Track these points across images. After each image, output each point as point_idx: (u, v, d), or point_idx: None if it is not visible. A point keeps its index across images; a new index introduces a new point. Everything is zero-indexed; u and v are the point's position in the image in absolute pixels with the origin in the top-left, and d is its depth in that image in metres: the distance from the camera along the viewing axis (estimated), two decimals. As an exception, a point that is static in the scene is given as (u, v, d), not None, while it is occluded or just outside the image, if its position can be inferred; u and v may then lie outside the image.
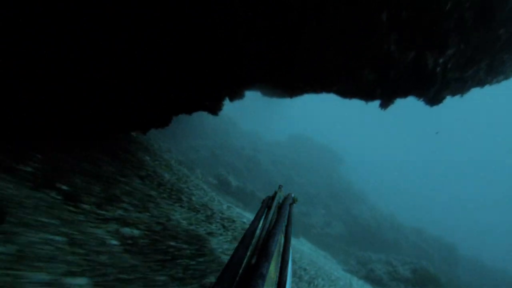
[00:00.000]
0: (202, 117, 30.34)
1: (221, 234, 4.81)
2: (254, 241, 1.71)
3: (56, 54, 4.16)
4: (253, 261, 1.48)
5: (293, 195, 2.89)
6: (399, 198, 65.66)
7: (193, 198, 6.00)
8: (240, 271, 1.37)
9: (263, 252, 1.46)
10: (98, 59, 4.61)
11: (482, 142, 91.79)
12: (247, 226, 6.44)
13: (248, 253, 1.55)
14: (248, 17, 5.03)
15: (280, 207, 2.53)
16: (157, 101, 6.12)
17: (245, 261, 1.46)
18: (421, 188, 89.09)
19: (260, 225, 2.00)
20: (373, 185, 52.46)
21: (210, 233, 4.62)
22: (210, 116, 32.88)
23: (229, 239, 4.78)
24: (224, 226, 5.27)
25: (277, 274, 1.60)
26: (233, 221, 5.75)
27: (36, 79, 4.24)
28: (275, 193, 2.88)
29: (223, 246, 4.52)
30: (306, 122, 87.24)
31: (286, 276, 1.56)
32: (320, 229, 24.04)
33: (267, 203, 2.64)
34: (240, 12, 4.92)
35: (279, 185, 3.22)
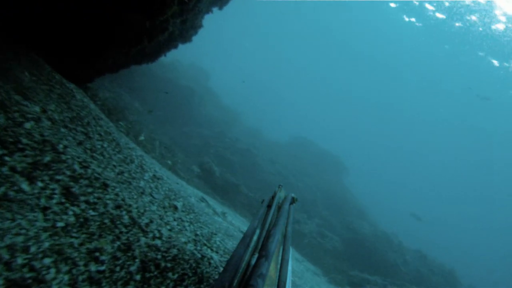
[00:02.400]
0: (201, 106, 28.49)
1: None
2: (254, 240, 1.73)
3: None
4: (253, 260, 1.48)
5: (292, 195, 2.85)
6: (404, 217, 62.82)
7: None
8: (240, 270, 1.36)
9: (263, 252, 1.47)
10: None
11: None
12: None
13: (248, 253, 1.56)
14: None
15: (280, 207, 2.52)
16: None
17: (245, 261, 1.46)
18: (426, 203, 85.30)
19: (260, 225, 2.00)
20: (378, 200, 49.97)
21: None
22: (210, 105, 31.52)
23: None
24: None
25: (277, 273, 1.60)
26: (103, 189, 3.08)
27: None
28: (275, 193, 2.83)
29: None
30: (313, 125, 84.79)
31: (286, 275, 1.54)
32: (313, 239, 21.42)
33: (268, 203, 2.60)
34: None
35: (279, 185, 3.12)
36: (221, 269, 3.92)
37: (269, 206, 2.45)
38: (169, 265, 2.69)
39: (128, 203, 3.08)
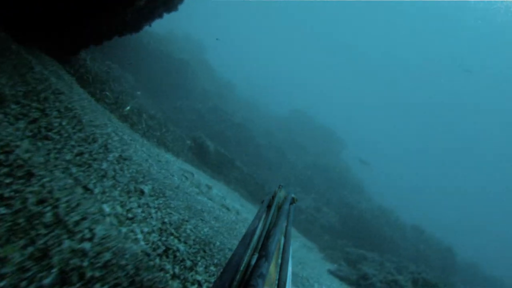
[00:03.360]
0: (196, 79, 27.73)
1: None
2: (254, 240, 1.72)
3: None
4: (253, 261, 1.47)
5: (292, 195, 2.89)
6: (400, 192, 62.83)
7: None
8: (240, 270, 1.34)
9: (263, 252, 1.48)
10: None
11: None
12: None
13: (248, 253, 1.54)
14: None
15: (280, 206, 2.56)
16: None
17: (245, 261, 1.44)
18: (419, 177, 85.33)
19: (260, 225, 1.99)
20: (375, 175, 49.74)
21: None
22: (205, 79, 30.75)
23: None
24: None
25: (277, 274, 1.63)
26: None
27: None
28: (275, 193, 2.85)
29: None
30: (311, 100, 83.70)
31: (286, 276, 1.57)
32: (309, 215, 21.17)
33: (268, 203, 2.59)
34: None
35: (279, 185, 3.08)
36: (188, 262, 3.49)
37: (269, 206, 2.45)
38: (97, 273, 2.16)
39: (56, 196, 2.54)
